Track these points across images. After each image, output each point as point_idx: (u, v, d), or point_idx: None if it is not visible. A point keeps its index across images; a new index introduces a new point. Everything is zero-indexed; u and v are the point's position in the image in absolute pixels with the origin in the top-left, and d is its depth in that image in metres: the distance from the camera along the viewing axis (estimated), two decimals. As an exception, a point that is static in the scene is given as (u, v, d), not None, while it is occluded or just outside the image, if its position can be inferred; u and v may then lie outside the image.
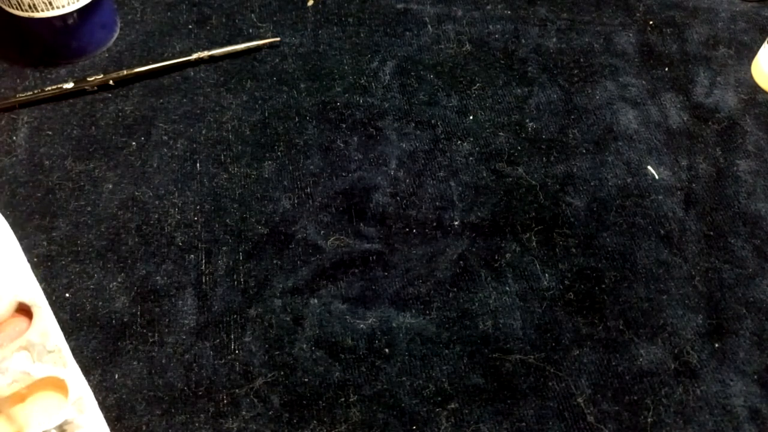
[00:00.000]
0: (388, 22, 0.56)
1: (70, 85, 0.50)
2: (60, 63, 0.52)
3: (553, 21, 0.57)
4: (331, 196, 0.47)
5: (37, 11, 0.47)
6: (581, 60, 0.54)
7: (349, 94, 0.52)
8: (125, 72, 0.51)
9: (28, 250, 0.43)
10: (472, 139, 0.50)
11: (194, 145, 0.48)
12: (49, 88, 0.50)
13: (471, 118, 0.51)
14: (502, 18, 0.57)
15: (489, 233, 0.45)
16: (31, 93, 0.49)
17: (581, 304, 0.43)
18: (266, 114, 0.50)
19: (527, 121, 0.51)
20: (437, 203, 0.47)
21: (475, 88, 0.52)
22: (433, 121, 0.50)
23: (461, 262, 0.44)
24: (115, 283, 0.42)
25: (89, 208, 0.45)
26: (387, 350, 0.41)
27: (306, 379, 0.40)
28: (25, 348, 0.37)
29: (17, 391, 0.36)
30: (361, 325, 0.42)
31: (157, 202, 0.46)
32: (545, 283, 0.44)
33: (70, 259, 0.43)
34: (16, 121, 0.49)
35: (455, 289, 0.43)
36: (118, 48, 0.53)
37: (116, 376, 0.39)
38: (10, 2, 0.47)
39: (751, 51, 0.56)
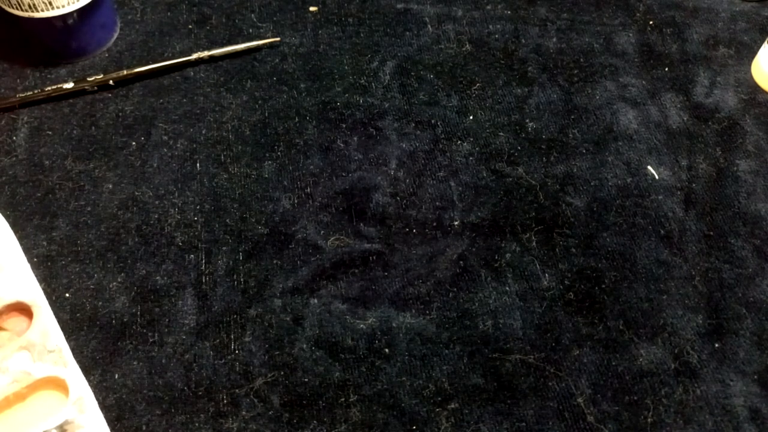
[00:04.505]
0: (388, 22, 0.56)
1: (70, 85, 0.50)
2: (60, 63, 0.52)
3: (553, 21, 0.57)
4: (331, 196, 0.47)
5: (37, 11, 0.47)
6: (581, 60, 0.54)
7: (349, 94, 0.52)
8: (125, 72, 0.51)
9: (28, 250, 0.43)
10: (472, 139, 0.50)
11: (194, 145, 0.48)
12: (49, 88, 0.50)
13: (471, 118, 0.51)
14: (502, 18, 0.57)
15: (489, 233, 0.45)
16: (31, 93, 0.49)
17: (581, 304, 0.43)
18: (266, 114, 0.50)
19: (527, 121, 0.51)
20: (437, 203, 0.47)
21: (475, 88, 0.52)
22: (433, 121, 0.50)
23: (461, 262, 0.44)
24: (115, 283, 0.42)
25: (89, 208, 0.45)
26: (387, 350, 0.41)
27: (306, 379, 0.40)
28: (26, 348, 0.37)
29: (18, 391, 0.36)
30: (361, 325, 0.42)
31: (157, 202, 0.46)
32: (545, 283, 0.44)
33: (70, 259, 0.43)
34: (16, 121, 0.49)
35: (455, 289, 0.43)
36: (118, 48, 0.53)
37: (116, 376, 0.39)
38: (10, 2, 0.47)
39: (751, 51, 0.56)
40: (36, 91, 0.49)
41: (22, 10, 0.47)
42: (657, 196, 0.48)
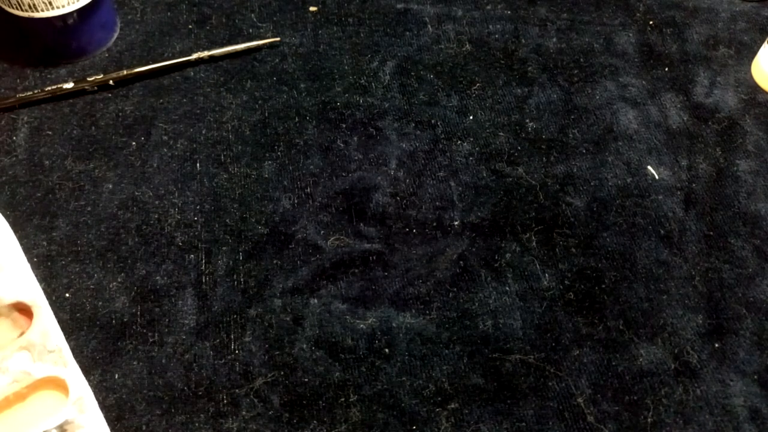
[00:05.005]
0: (388, 22, 0.56)
1: (70, 85, 0.50)
2: (60, 63, 0.52)
3: (553, 21, 0.57)
4: (331, 196, 0.47)
5: (37, 11, 0.47)
6: (581, 60, 0.54)
7: (349, 94, 0.52)
8: (125, 72, 0.51)
9: (28, 250, 0.43)
10: (472, 139, 0.50)
11: (194, 145, 0.48)
12: (49, 88, 0.50)
13: (471, 118, 0.51)
14: (502, 18, 0.57)
15: (489, 233, 0.45)
16: (31, 93, 0.49)
17: (581, 304, 0.43)
18: (266, 114, 0.50)
19: (527, 121, 0.51)
20: (437, 203, 0.47)
21: (475, 88, 0.52)
22: (433, 121, 0.50)
23: (461, 262, 0.44)
24: (115, 283, 0.42)
25: (89, 208, 0.45)
26: (387, 350, 0.41)
27: (306, 379, 0.40)
28: (26, 348, 0.37)
29: (18, 391, 0.36)
30: (361, 325, 0.42)
31: (157, 202, 0.46)
32: (545, 283, 0.44)
33: (70, 259, 0.43)
34: (16, 121, 0.49)
35: (455, 289, 0.43)
36: (118, 48, 0.53)
37: (116, 376, 0.39)
38: (10, 2, 0.47)
39: (751, 51, 0.56)
40: (36, 91, 0.49)
41: (22, 10, 0.47)
42: (657, 196, 0.48)
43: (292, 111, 0.51)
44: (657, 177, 0.48)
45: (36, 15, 0.48)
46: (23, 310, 0.39)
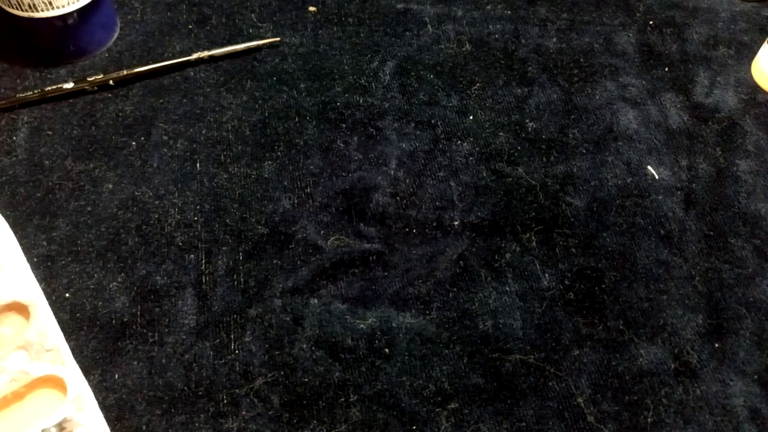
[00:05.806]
0: (388, 22, 0.56)
1: (70, 85, 0.50)
2: (60, 63, 0.52)
3: (553, 21, 0.57)
4: (331, 196, 0.47)
5: (37, 11, 0.47)
6: (581, 60, 0.54)
7: (349, 94, 0.52)
8: (125, 72, 0.51)
9: (28, 250, 0.43)
10: (472, 139, 0.50)
11: (194, 145, 0.48)
12: (49, 88, 0.50)
13: (471, 118, 0.51)
14: (502, 18, 0.57)
15: (489, 233, 0.45)
16: (31, 93, 0.49)
17: (581, 304, 0.43)
18: (266, 114, 0.50)
19: (527, 121, 0.51)
20: (437, 203, 0.47)
21: (475, 88, 0.52)
22: (433, 121, 0.50)
23: (461, 262, 0.44)
24: (115, 283, 0.42)
25: (89, 208, 0.45)
26: (387, 350, 0.41)
27: (306, 379, 0.40)
28: (24, 347, 0.37)
29: (16, 390, 0.36)
30: (361, 325, 0.42)
31: (157, 202, 0.46)
32: (545, 283, 0.44)
33: (70, 259, 0.43)
34: (16, 121, 0.49)
35: (455, 289, 0.43)
36: (118, 48, 0.53)
37: (116, 376, 0.39)
38: (10, 2, 0.47)
39: (751, 51, 0.56)
40: (36, 91, 0.49)
41: (22, 10, 0.47)
42: (657, 196, 0.48)
43: (292, 111, 0.51)
44: (657, 177, 0.48)
45: (36, 15, 0.48)
46: (21, 309, 0.39)
